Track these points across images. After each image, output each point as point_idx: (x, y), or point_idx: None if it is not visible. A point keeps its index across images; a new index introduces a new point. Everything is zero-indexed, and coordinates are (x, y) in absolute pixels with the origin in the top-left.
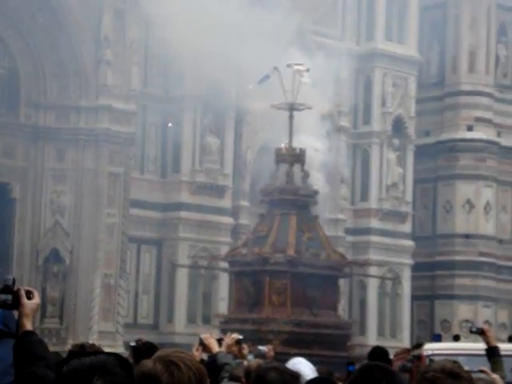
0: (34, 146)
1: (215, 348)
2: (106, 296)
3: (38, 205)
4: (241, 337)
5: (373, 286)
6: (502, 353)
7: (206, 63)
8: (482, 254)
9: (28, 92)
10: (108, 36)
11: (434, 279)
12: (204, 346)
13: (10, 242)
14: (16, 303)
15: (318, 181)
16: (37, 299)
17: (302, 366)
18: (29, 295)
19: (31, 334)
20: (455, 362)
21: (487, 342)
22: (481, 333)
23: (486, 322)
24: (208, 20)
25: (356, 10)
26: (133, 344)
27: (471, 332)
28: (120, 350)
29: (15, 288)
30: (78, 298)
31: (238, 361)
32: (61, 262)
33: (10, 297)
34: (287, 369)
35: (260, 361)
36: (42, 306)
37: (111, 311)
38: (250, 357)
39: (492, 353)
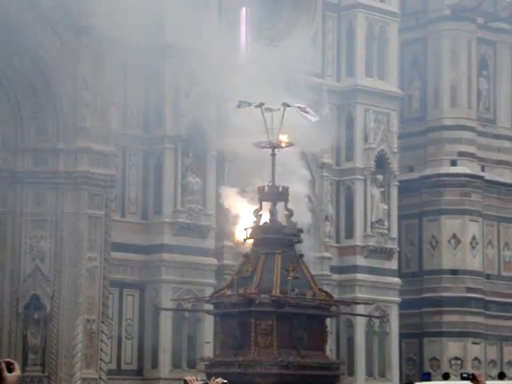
0: (12, 190)
1: None
2: (89, 342)
3: (18, 250)
4: (225, 381)
5: (360, 324)
6: None
7: (186, 102)
8: (469, 289)
9: (5, 135)
10: (86, 77)
11: (421, 316)
12: None
13: None
14: None
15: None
16: (17, 371)
17: None
18: (9, 367)
19: None
20: None
21: None
22: (472, 379)
23: (475, 359)
24: (187, 59)
25: (335, 47)
26: None
27: (462, 378)
28: None
29: None
30: (60, 345)
31: None
32: (41, 309)
33: None
34: None
35: None
36: (23, 354)
37: (94, 358)
38: None
39: None
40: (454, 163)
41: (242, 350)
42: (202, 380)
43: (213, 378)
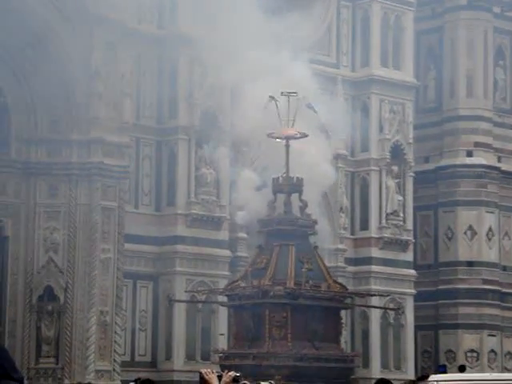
0: (25, 182)
1: None
2: (102, 334)
3: (31, 242)
4: (238, 374)
5: (375, 316)
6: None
7: (199, 93)
8: (485, 281)
9: (19, 127)
10: (99, 69)
11: (437, 308)
12: (204, 381)
13: (3, 281)
14: None
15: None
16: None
17: None
18: None
19: None
20: None
21: None
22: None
23: (492, 351)
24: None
25: (351, 37)
26: (132, 383)
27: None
28: None
29: None
30: (74, 337)
31: None
32: (55, 300)
33: None
34: None
35: None
36: (37, 346)
37: (108, 349)
38: None
39: None
40: (470, 154)
41: (256, 342)
42: (217, 372)
43: (226, 371)
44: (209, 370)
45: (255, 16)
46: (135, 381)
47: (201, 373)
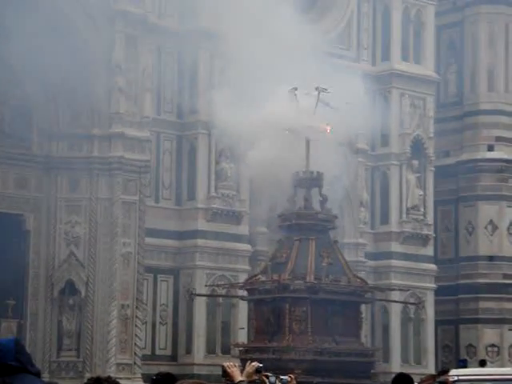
0: (47, 176)
1: (238, 377)
2: (123, 327)
3: (52, 236)
4: (261, 365)
5: (395, 311)
6: None
7: (218, 88)
8: (506, 276)
9: (40, 122)
10: (120, 63)
11: (457, 303)
12: (226, 375)
13: (25, 275)
14: None
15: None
16: None
17: None
18: None
19: None
20: None
21: None
22: None
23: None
24: (222, 44)
25: (371, 31)
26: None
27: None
28: (138, 382)
29: None
30: (95, 330)
31: None
32: (76, 294)
33: None
34: None
35: None
36: (58, 339)
37: (128, 343)
38: (272, 378)
39: None
40: (490, 148)
41: (276, 336)
42: (239, 365)
43: (249, 361)
44: (231, 364)
45: (276, 11)
46: (156, 375)
47: (223, 366)
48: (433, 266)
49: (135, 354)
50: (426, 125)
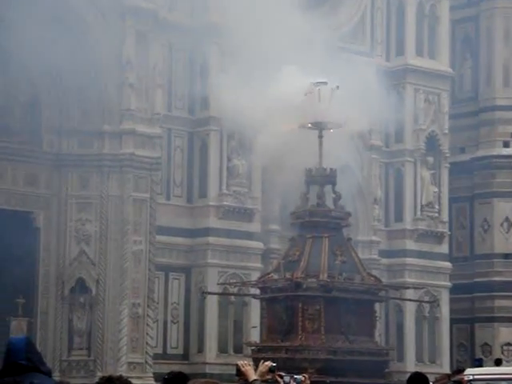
0: (57, 173)
1: (252, 376)
2: (134, 326)
3: (63, 233)
4: (274, 364)
5: (410, 309)
6: None
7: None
8: None
9: (50, 119)
10: (131, 59)
11: (473, 301)
12: (240, 373)
13: (35, 273)
14: None
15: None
16: None
17: None
18: None
19: None
20: None
21: None
22: None
23: None
24: (232, 38)
25: (385, 25)
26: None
27: None
28: (149, 381)
29: None
30: (106, 329)
31: None
32: (87, 292)
33: None
34: None
35: None
36: (69, 338)
37: (140, 342)
38: (287, 378)
39: None
40: (506, 144)
41: (289, 335)
42: (252, 365)
43: (262, 361)
44: (245, 362)
45: (288, 6)
46: (167, 374)
47: (237, 365)
48: (448, 264)
49: (146, 352)
50: (440, 121)
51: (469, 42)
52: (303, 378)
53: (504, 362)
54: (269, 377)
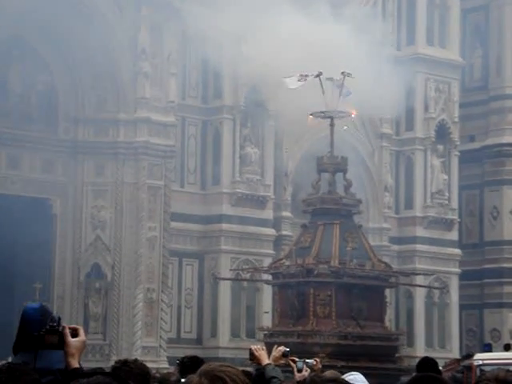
0: (73, 160)
1: (265, 360)
2: (149, 311)
3: (79, 220)
4: (288, 349)
5: (420, 295)
6: None
7: (244, 73)
8: None
9: (66, 107)
10: (145, 48)
11: (482, 287)
12: (254, 358)
13: (52, 258)
14: (62, 343)
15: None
16: (82, 337)
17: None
18: (74, 333)
19: (78, 372)
20: (508, 370)
21: None
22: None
23: None
24: (246, 29)
25: (396, 15)
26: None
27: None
28: (164, 365)
29: (60, 327)
30: (121, 314)
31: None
32: (102, 278)
33: (56, 338)
34: (344, 381)
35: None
36: (85, 322)
37: (154, 326)
38: (300, 363)
39: None
40: None
41: (300, 320)
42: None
43: (276, 346)
44: (259, 347)
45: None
46: (182, 358)
47: (251, 349)
48: (457, 251)
49: (161, 337)
50: (450, 109)
51: (479, 31)
52: (315, 362)
53: None
54: (282, 361)
